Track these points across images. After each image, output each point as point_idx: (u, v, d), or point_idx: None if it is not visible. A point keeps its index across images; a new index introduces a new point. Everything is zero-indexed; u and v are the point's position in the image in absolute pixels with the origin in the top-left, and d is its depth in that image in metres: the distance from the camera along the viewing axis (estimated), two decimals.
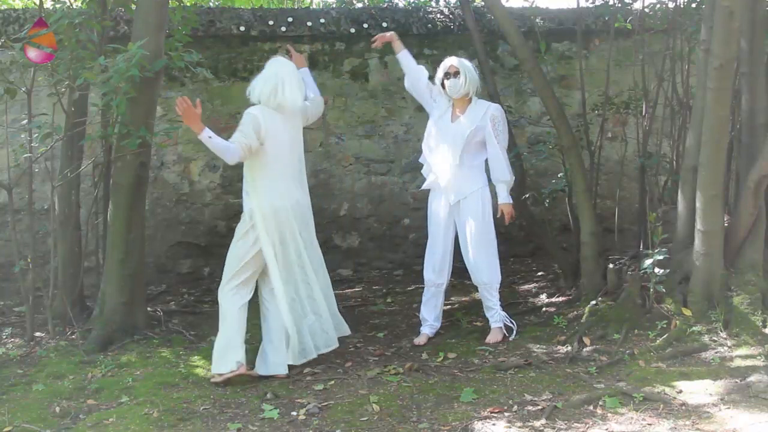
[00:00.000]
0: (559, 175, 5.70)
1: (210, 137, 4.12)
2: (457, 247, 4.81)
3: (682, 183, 4.65)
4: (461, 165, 4.67)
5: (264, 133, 4.21)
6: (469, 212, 4.68)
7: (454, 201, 4.70)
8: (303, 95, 4.43)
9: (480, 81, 4.82)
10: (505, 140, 4.73)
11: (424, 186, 4.88)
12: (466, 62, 4.75)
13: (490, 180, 4.75)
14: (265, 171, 4.27)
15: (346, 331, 4.60)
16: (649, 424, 3.37)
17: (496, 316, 4.76)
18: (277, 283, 4.24)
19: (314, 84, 4.71)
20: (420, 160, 4.97)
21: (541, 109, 6.25)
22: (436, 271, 4.79)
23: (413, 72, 4.89)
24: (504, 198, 4.68)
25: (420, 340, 4.77)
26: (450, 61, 4.72)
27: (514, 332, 4.75)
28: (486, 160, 4.74)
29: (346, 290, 6.18)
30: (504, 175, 4.67)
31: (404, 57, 4.92)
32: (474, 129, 4.64)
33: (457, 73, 4.67)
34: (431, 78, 4.88)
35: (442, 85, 4.73)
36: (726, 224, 4.54)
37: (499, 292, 4.81)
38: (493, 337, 4.70)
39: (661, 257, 4.46)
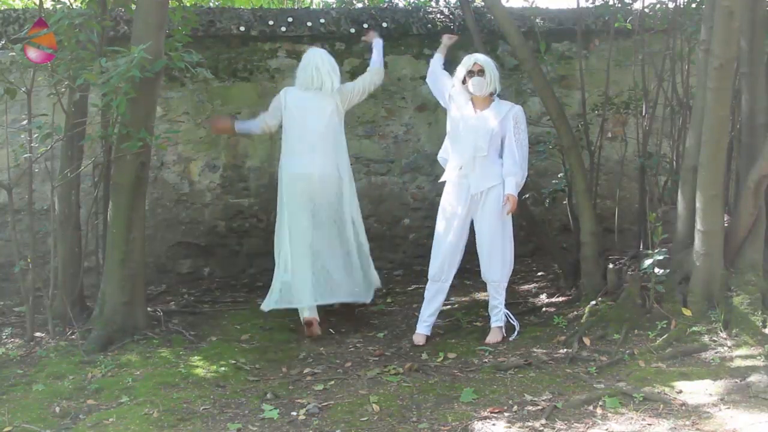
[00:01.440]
0: (559, 175, 5.71)
1: (239, 127, 5.27)
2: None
3: (682, 183, 4.65)
4: (487, 157, 4.66)
5: (284, 110, 5.07)
6: (489, 206, 4.68)
7: (475, 191, 4.68)
8: (336, 79, 5.12)
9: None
10: (524, 141, 4.72)
11: (444, 177, 4.82)
12: (490, 60, 4.77)
13: None
14: (287, 143, 5.10)
15: (366, 297, 5.19)
16: (649, 424, 3.38)
17: (499, 315, 4.76)
18: (287, 235, 5.04)
19: (379, 57, 5.47)
20: (440, 156, 4.95)
21: (541, 109, 6.25)
22: (440, 268, 4.77)
23: (441, 74, 5.04)
24: (511, 189, 4.63)
25: (418, 341, 4.76)
26: (474, 58, 4.72)
27: (516, 332, 4.75)
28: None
29: None
30: (514, 169, 4.63)
31: (440, 60, 5.16)
32: (498, 124, 4.65)
33: (482, 71, 4.66)
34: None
35: (463, 81, 4.72)
36: (726, 224, 4.54)
37: None
38: (492, 338, 4.70)
39: (661, 257, 4.46)
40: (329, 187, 5.05)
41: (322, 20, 6.50)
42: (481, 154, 4.65)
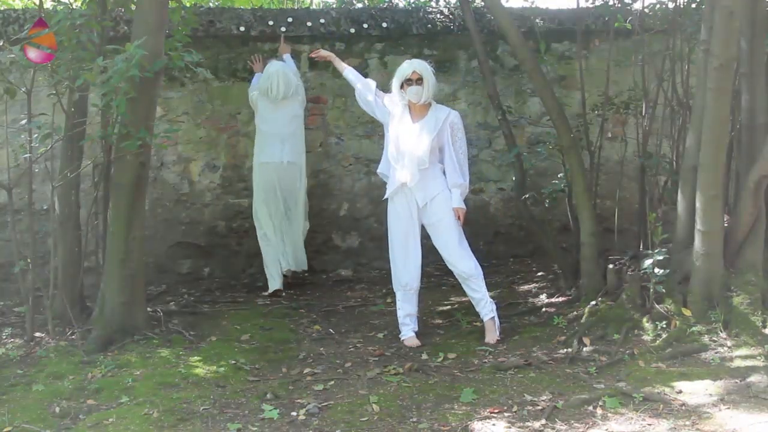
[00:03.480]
0: (559, 175, 5.71)
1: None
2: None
3: (682, 183, 4.65)
4: (428, 168, 4.70)
5: (255, 108, 6.10)
6: (440, 211, 4.72)
7: (422, 203, 4.72)
8: (290, 87, 5.95)
9: (480, 81, 4.83)
10: (463, 147, 4.79)
11: (391, 192, 4.80)
12: (428, 66, 4.72)
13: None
14: (257, 137, 6.10)
15: (304, 266, 6.16)
16: (649, 425, 3.38)
17: (489, 306, 4.74)
18: (263, 217, 6.03)
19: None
20: (380, 171, 4.94)
21: (541, 109, 6.25)
22: (414, 275, 4.80)
23: (365, 85, 4.92)
24: (457, 202, 4.72)
25: (414, 343, 4.75)
26: (412, 67, 4.67)
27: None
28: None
29: (346, 291, 6.18)
30: (458, 179, 4.72)
31: (351, 73, 5.02)
32: (437, 132, 4.68)
33: (420, 80, 4.65)
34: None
35: (401, 87, 4.70)
36: (726, 224, 4.54)
37: (499, 292, 4.82)
38: (490, 335, 4.69)
39: (661, 257, 4.46)
40: (292, 172, 6.06)
41: (322, 20, 6.50)
42: (422, 167, 4.67)
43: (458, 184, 4.73)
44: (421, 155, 4.65)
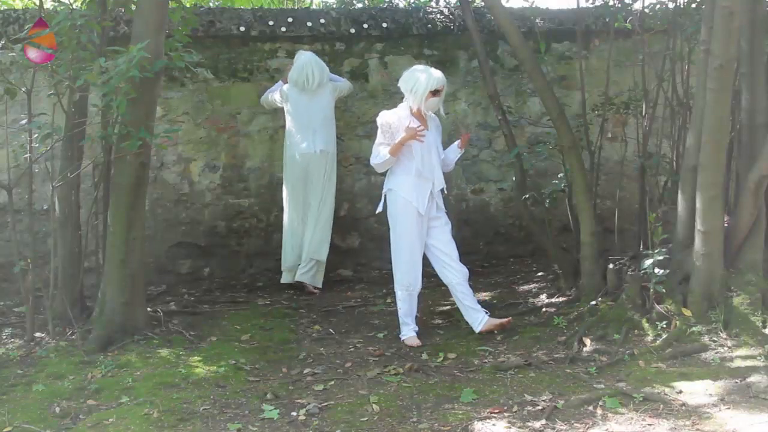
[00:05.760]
0: (559, 175, 5.71)
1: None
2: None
3: (682, 183, 4.65)
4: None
5: (286, 101, 6.07)
6: (443, 215, 4.88)
7: (440, 203, 4.86)
8: (323, 73, 6.01)
9: (480, 81, 4.87)
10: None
11: (417, 204, 4.77)
12: None
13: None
14: (289, 129, 6.09)
15: (322, 256, 6.07)
16: (649, 425, 3.38)
17: (481, 308, 4.83)
18: (290, 208, 6.07)
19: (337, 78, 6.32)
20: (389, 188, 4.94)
21: (541, 109, 6.25)
22: (418, 276, 4.85)
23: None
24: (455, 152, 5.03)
25: (415, 342, 4.75)
26: (442, 81, 4.75)
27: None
28: None
29: (346, 291, 6.18)
30: (445, 183, 4.95)
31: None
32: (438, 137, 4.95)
33: (440, 91, 4.79)
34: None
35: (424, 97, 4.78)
36: (726, 224, 4.54)
37: (499, 292, 4.84)
38: (497, 325, 4.76)
39: (661, 257, 4.46)
40: (324, 161, 6.03)
41: (322, 20, 6.50)
42: (442, 171, 4.88)
43: (444, 185, 4.91)
44: (439, 161, 4.86)
